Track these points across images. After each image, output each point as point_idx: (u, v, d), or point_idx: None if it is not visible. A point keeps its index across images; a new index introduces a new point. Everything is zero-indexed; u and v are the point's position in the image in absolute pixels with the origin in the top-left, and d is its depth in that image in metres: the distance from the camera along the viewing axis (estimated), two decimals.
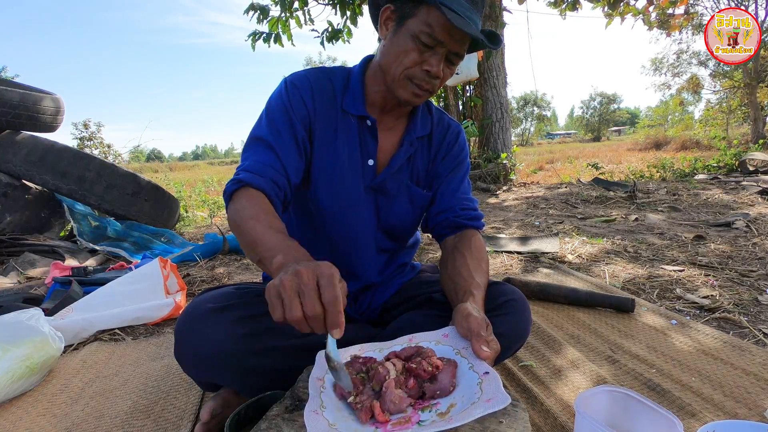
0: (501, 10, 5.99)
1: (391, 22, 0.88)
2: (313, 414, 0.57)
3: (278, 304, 0.59)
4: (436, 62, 0.84)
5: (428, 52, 0.84)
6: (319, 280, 0.59)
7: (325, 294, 0.58)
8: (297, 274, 0.59)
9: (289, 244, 0.71)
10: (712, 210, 3.47)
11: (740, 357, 1.21)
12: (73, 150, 3.02)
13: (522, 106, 52.40)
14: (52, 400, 1.14)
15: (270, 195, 0.84)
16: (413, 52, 0.84)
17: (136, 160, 19.27)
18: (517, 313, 0.92)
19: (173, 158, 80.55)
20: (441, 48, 0.84)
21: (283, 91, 0.94)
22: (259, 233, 0.74)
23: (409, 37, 0.84)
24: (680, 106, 26.04)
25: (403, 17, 0.85)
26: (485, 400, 0.59)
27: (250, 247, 0.75)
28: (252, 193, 0.83)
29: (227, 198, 0.86)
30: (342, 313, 0.59)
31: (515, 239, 2.67)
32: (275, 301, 0.59)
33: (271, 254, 0.69)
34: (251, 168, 0.86)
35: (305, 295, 0.58)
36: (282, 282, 0.59)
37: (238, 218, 0.79)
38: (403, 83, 0.88)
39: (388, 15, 0.89)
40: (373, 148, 0.97)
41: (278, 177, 0.87)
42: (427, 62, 0.85)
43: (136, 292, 1.73)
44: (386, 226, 1.03)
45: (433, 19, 0.81)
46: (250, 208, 0.79)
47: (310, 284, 0.58)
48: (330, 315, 0.58)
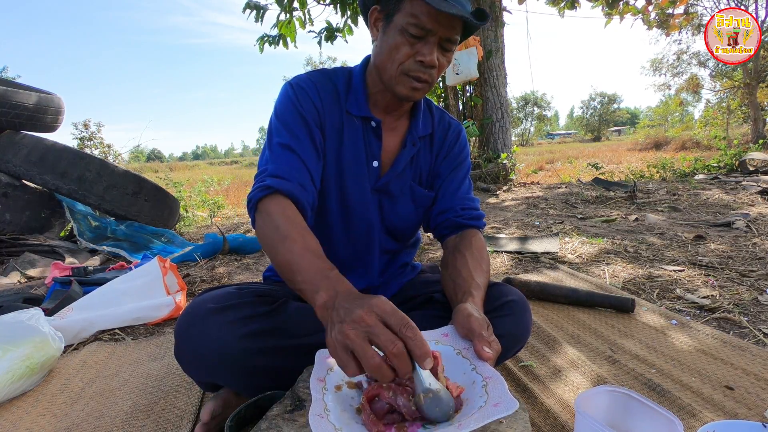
0: (501, 10, 5.99)
1: (379, 22, 0.89)
2: (318, 418, 0.57)
3: (350, 358, 0.55)
4: (429, 51, 0.84)
5: (419, 43, 0.84)
6: (385, 319, 0.56)
7: (402, 330, 0.55)
8: (357, 321, 0.56)
9: (330, 276, 0.69)
10: (712, 210, 3.46)
11: (740, 357, 1.21)
12: (73, 150, 3.02)
13: (522, 106, 52.37)
14: (52, 400, 1.14)
15: (300, 200, 0.83)
16: (404, 45, 0.84)
17: (136, 160, 19.27)
18: (518, 315, 0.92)
19: (173, 158, 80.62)
20: (431, 36, 0.84)
21: (291, 95, 0.92)
22: (296, 258, 0.72)
23: (398, 32, 0.84)
24: (680, 106, 26.03)
25: (389, 15, 0.86)
26: (493, 404, 0.58)
27: (285, 270, 0.73)
28: (281, 203, 0.80)
29: (253, 208, 0.84)
30: (426, 342, 0.56)
31: (515, 239, 2.66)
32: (345, 356, 0.56)
33: (313, 288, 0.67)
34: (276, 172, 0.84)
35: (379, 336, 0.55)
36: (346, 334, 0.55)
37: (270, 237, 0.77)
38: (400, 79, 0.87)
39: (376, 16, 0.89)
40: (378, 150, 0.97)
41: (304, 179, 0.85)
42: (419, 53, 0.84)
43: (136, 292, 1.73)
44: (390, 226, 1.03)
45: (417, 8, 0.81)
46: (283, 226, 0.76)
47: (378, 325, 0.55)
48: (415, 347, 0.55)
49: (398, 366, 0.55)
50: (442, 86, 6.24)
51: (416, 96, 0.90)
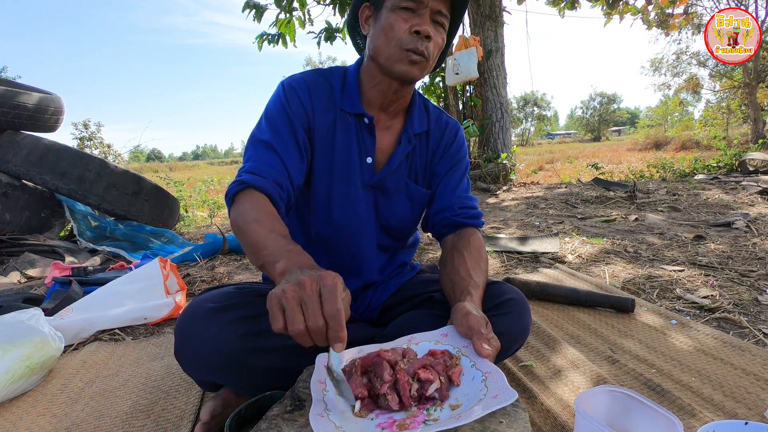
0: (501, 10, 5.99)
1: (371, 17, 0.92)
2: (319, 417, 0.57)
3: (280, 315, 0.58)
4: (423, 21, 0.86)
5: (414, 17, 0.86)
6: (322, 291, 0.58)
7: (326, 307, 0.57)
8: (300, 285, 0.58)
9: (291, 249, 0.71)
10: (712, 210, 3.46)
11: (740, 357, 1.21)
12: (73, 150, 3.02)
13: (522, 106, 52.40)
14: (52, 400, 1.14)
15: (273, 196, 0.85)
16: (398, 21, 0.86)
17: (136, 160, 19.26)
18: (517, 312, 0.92)
19: (173, 158, 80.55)
20: (423, 8, 0.86)
21: (281, 94, 0.95)
22: (261, 237, 0.74)
23: (389, 12, 0.87)
24: (680, 106, 26.04)
25: (378, 4, 0.89)
26: (492, 396, 0.59)
27: (252, 250, 0.75)
28: (255, 195, 0.83)
29: (230, 200, 0.86)
30: (344, 327, 0.57)
31: (515, 239, 2.66)
32: (277, 311, 0.58)
33: (274, 259, 0.69)
34: (254, 170, 0.86)
35: (308, 307, 0.57)
36: (285, 292, 0.58)
37: (240, 221, 0.79)
38: (397, 55, 0.87)
39: (367, 13, 0.93)
40: (371, 146, 0.98)
41: (281, 178, 0.87)
42: (413, 25, 0.86)
43: (136, 292, 1.73)
44: (386, 223, 1.04)
45: None
46: (252, 211, 0.79)
47: (313, 296, 0.57)
48: (331, 329, 0.57)
49: (315, 340, 0.58)
50: (442, 86, 6.25)
51: (415, 72, 0.89)
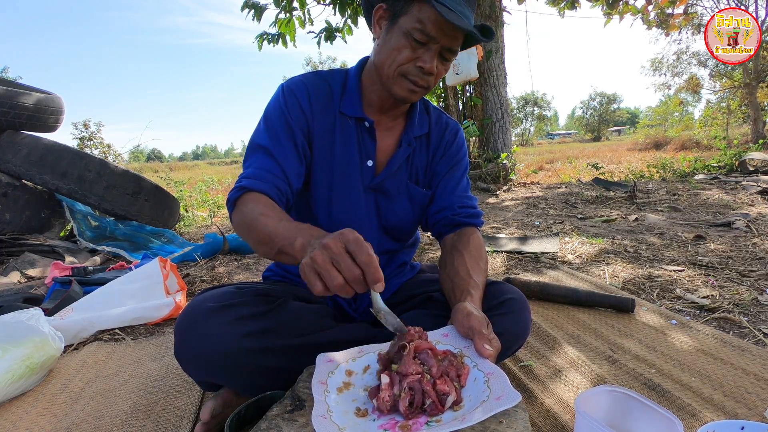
0: (501, 10, 5.99)
1: (384, 21, 0.89)
2: (321, 419, 0.57)
3: (316, 278, 0.61)
4: (430, 58, 0.85)
5: (421, 49, 0.85)
6: (348, 246, 0.61)
7: (359, 258, 0.60)
8: (325, 247, 0.61)
9: (304, 227, 0.73)
10: (712, 210, 3.46)
11: (740, 357, 1.21)
12: (73, 150, 3.02)
13: (522, 106, 52.38)
14: (52, 400, 1.14)
15: (273, 198, 0.85)
16: (406, 49, 0.85)
17: (136, 160, 19.26)
18: (517, 312, 0.92)
19: (173, 158, 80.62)
20: (434, 44, 0.84)
21: (280, 98, 0.95)
22: (271, 227, 0.75)
23: (401, 35, 0.84)
24: (680, 106, 26.04)
25: (395, 15, 0.86)
26: (495, 398, 0.59)
27: (265, 242, 0.75)
28: (256, 196, 0.84)
29: (231, 205, 0.86)
30: (379, 269, 0.61)
31: (515, 239, 2.66)
32: (313, 277, 0.61)
33: (290, 241, 0.70)
34: (253, 175, 0.87)
35: (340, 262, 0.60)
36: (314, 258, 0.61)
37: (246, 219, 0.80)
38: (397, 80, 0.88)
39: (380, 14, 0.90)
40: (372, 149, 0.98)
41: (280, 182, 0.88)
42: (420, 59, 0.85)
43: (136, 292, 1.73)
44: (387, 225, 1.04)
45: (425, 15, 0.81)
46: (257, 208, 0.80)
47: (342, 253, 0.61)
48: (368, 274, 0.61)
49: (355, 289, 0.62)
50: (442, 86, 6.24)
51: (412, 98, 0.91)
